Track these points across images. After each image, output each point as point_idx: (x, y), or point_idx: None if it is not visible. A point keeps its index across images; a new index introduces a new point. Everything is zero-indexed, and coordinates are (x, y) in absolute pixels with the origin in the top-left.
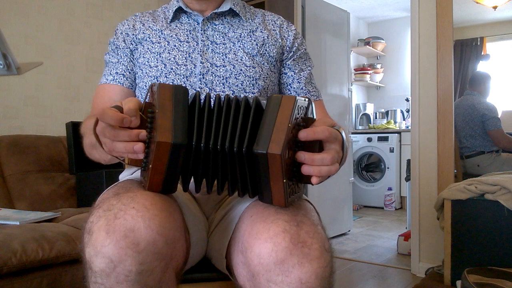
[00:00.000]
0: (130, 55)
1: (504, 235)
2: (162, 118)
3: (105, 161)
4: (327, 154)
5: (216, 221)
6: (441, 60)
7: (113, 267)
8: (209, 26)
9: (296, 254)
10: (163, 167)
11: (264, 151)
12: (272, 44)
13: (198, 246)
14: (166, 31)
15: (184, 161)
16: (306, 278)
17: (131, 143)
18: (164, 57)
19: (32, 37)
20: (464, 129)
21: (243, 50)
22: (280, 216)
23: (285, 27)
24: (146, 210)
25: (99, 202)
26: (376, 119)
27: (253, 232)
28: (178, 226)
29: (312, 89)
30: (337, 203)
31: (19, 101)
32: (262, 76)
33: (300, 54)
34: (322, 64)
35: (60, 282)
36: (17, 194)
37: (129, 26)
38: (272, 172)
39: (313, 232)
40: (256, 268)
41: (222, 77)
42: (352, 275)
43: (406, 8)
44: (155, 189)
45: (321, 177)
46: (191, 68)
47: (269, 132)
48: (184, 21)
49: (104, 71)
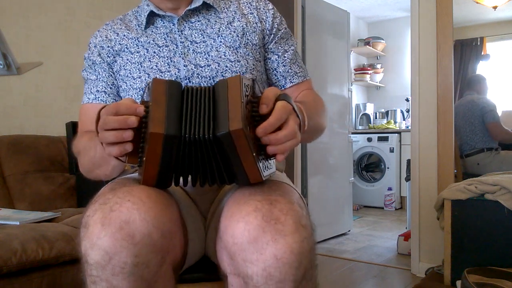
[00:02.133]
0: (108, 70)
1: (504, 235)
2: (155, 110)
3: (106, 175)
4: (287, 130)
5: (209, 217)
6: (441, 60)
7: (108, 259)
8: (186, 25)
9: (269, 231)
10: (157, 158)
11: (226, 131)
12: (253, 31)
13: (196, 244)
14: (142, 38)
15: (177, 153)
16: (281, 254)
17: (120, 131)
18: (146, 66)
19: (32, 37)
20: (464, 126)
21: (225, 44)
22: (253, 196)
23: (262, 8)
24: (142, 203)
25: (95, 197)
26: (376, 119)
27: (228, 215)
28: (174, 219)
29: (299, 70)
30: (337, 203)
31: (19, 101)
32: (249, 69)
33: (281, 35)
34: (322, 64)
35: (60, 282)
36: (17, 194)
37: (102, 38)
38: (239, 148)
39: (287, 210)
40: (232, 248)
41: (208, 77)
42: (352, 275)
43: (406, 8)
44: (150, 183)
45: (287, 151)
46: (175, 74)
47: (225, 112)
48: (159, 24)
49: (85, 89)
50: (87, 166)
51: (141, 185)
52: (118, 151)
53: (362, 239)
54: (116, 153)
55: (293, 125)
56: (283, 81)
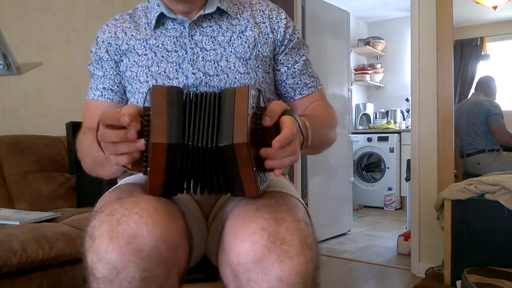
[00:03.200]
0: (115, 67)
1: (504, 235)
2: (156, 119)
3: (108, 176)
4: (288, 146)
5: (211, 219)
6: (441, 60)
7: (116, 273)
8: (197, 30)
9: (274, 251)
10: (161, 168)
11: (229, 143)
12: (264, 42)
13: (199, 248)
14: (151, 40)
15: (181, 160)
16: (286, 275)
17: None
18: (154, 71)
19: (32, 37)
20: (467, 127)
21: (235, 55)
22: (260, 213)
23: (274, 17)
24: (150, 216)
25: (101, 206)
26: (376, 119)
27: (232, 231)
28: (180, 231)
29: (309, 80)
30: (337, 203)
31: (19, 101)
32: (258, 82)
33: (293, 45)
34: (322, 64)
35: (60, 282)
36: (17, 194)
37: (110, 35)
38: (240, 161)
39: (293, 229)
40: (236, 268)
41: (217, 87)
42: (352, 275)
43: (406, 8)
44: (156, 193)
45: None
46: (183, 81)
47: (231, 123)
48: (169, 26)
49: (91, 84)
50: (90, 166)
51: (147, 194)
52: (127, 160)
53: (362, 239)
54: (124, 162)
55: (294, 142)
56: (292, 93)
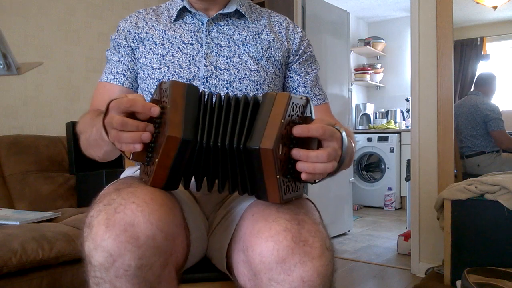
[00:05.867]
0: (131, 54)
1: (504, 235)
2: (173, 113)
3: (99, 157)
4: (322, 151)
5: (217, 221)
6: (441, 60)
7: (112, 261)
8: (214, 27)
9: (298, 253)
10: (169, 162)
11: (257, 146)
12: (278, 47)
13: (198, 245)
14: (169, 32)
15: (189, 158)
16: (308, 276)
17: (138, 132)
18: (168, 60)
19: (32, 37)
20: (466, 129)
21: (248, 53)
22: (281, 215)
23: (291, 29)
24: (146, 205)
25: (99, 197)
26: (376, 119)
27: (254, 230)
28: (178, 221)
29: (319, 93)
30: (337, 203)
31: (19, 101)
32: (267, 81)
33: (306, 57)
34: (322, 64)
35: (60, 282)
36: (17, 194)
37: (131, 24)
38: (265, 167)
39: (314, 231)
40: (257, 266)
41: (226, 81)
42: (352, 275)
43: (406, 8)
44: (158, 185)
45: (315, 174)
46: (194, 71)
47: (263, 128)
48: (188, 20)
49: (105, 68)
50: (83, 144)
51: (147, 186)
52: (128, 149)
53: (362, 239)
54: (126, 149)
55: (330, 150)
56: None
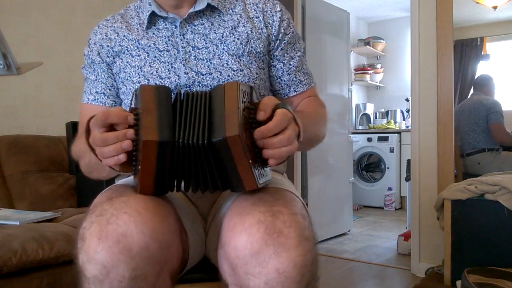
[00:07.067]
0: (107, 70)
1: (504, 235)
2: (146, 118)
3: (104, 177)
4: (283, 136)
5: (210, 220)
6: (441, 60)
7: (106, 273)
8: (188, 28)
9: (272, 244)
10: (152, 166)
11: (221, 137)
12: (257, 37)
13: (197, 247)
14: (143, 41)
15: (172, 159)
16: (283, 267)
17: (119, 143)
18: (146, 71)
19: (32, 37)
20: (467, 126)
21: (228, 52)
22: (256, 207)
23: (269, 10)
24: (139, 215)
25: (92, 206)
26: (376, 119)
27: (230, 225)
28: (172, 229)
29: (304, 78)
30: (337, 203)
31: (19, 101)
32: (252, 78)
33: (288, 40)
34: (322, 64)
35: (60, 282)
36: (17, 194)
37: (102, 36)
38: (235, 154)
39: (290, 221)
40: (234, 261)
41: (210, 86)
42: (352, 275)
43: (406, 8)
44: (146, 192)
45: (282, 158)
46: (175, 81)
47: (222, 118)
48: (160, 26)
49: (85, 87)
50: (85, 170)
51: (138, 194)
52: (113, 162)
53: (362, 239)
54: (111, 163)
55: (290, 132)
56: (287, 90)
